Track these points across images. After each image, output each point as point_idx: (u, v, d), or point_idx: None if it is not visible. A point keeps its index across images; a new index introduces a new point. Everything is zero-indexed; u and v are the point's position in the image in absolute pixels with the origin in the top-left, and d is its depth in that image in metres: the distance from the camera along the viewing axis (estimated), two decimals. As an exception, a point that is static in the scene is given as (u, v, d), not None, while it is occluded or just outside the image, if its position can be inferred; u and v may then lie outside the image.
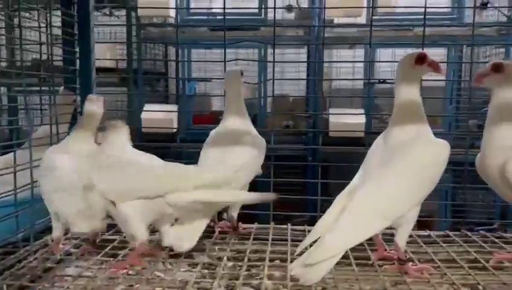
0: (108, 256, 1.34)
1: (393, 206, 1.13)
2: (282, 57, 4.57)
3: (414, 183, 1.15)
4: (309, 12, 4.30)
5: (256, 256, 1.36)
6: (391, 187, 1.14)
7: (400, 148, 1.19)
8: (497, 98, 1.25)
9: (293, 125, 4.47)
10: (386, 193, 1.13)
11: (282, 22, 4.30)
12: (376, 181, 1.15)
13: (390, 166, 1.16)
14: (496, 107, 1.25)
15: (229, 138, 1.48)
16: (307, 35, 4.29)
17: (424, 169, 1.17)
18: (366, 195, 1.13)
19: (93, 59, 1.62)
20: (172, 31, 4.39)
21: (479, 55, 4.47)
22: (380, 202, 1.12)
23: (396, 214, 1.13)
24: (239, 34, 4.19)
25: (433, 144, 1.21)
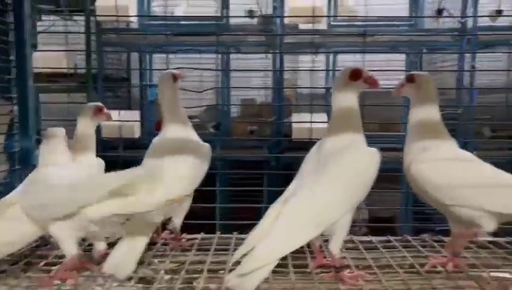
0: (43, 272, 1.30)
1: (325, 213, 1.14)
2: (247, 62, 4.57)
3: (346, 190, 1.17)
4: (271, 18, 4.32)
5: (196, 267, 1.34)
6: (323, 194, 1.15)
7: (333, 156, 1.21)
8: (414, 108, 1.32)
9: (258, 130, 4.48)
10: (318, 200, 1.15)
11: (244, 28, 4.31)
12: (308, 189, 1.17)
13: (322, 173, 1.18)
14: (412, 114, 1.32)
15: (170, 147, 1.43)
16: (269, 41, 4.30)
17: (356, 176, 1.19)
18: (298, 203, 1.14)
19: (29, 67, 1.57)
20: (135, 36, 4.35)
21: (437, 60, 4.59)
22: (311, 209, 1.13)
23: (328, 221, 1.14)
24: (201, 39, 4.18)
25: (364, 151, 1.23)
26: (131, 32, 4.38)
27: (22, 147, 1.58)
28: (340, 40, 4.23)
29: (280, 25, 4.20)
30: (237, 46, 4.45)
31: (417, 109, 1.30)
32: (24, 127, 1.54)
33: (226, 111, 4.42)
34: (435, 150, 1.26)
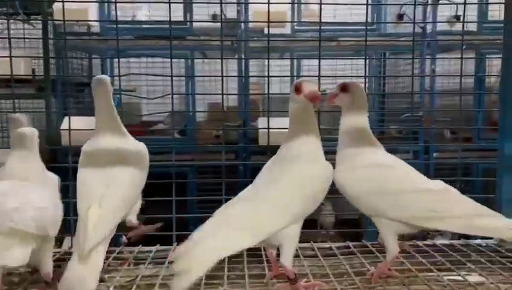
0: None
1: (264, 223, 1.12)
2: (210, 66, 4.53)
3: (289, 202, 1.15)
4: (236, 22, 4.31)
5: (148, 282, 1.29)
6: (264, 204, 1.14)
7: (283, 165, 1.20)
8: (346, 116, 1.33)
9: (223, 135, 4.43)
10: (258, 210, 1.13)
11: (209, 32, 4.27)
12: (252, 197, 1.16)
13: (270, 182, 1.18)
14: (343, 122, 1.33)
15: (108, 156, 1.31)
16: (234, 45, 4.28)
17: (303, 187, 1.17)
18: (238, 210, 1.13)
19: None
20: (96, 40, 4.24)
21: (400, 64, 4.70)
22: (250, 217, 1.12)
23: (267, 231, 1.12)
24: (165, 43, 4.11)
25: (315, 163, 1.22)
26: (92, 36, 4.27)
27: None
28: (305, 44, 4.26)
29: (244, 29, 4.18)
30: (202, 49, 4.41)
31: (348, 116, 1.31)
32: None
33: (191, 116, 4.36)
34: (358, 158, 1.26)
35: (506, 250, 1.49)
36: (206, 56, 4.71)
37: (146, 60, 4.38)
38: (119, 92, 3.66)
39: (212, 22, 4.18)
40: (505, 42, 1.56)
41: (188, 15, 4.19)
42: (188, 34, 4.18)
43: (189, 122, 4.36)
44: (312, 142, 1.23)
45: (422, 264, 1.39)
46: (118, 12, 4.54)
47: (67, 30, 4.11)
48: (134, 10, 4.37)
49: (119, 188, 1.24)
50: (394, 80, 4.79)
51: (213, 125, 4.56)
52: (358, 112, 1.30)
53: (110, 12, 4.23)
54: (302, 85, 1.20)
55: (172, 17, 4.52)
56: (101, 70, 4.70)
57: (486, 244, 1.55)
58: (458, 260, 1.42)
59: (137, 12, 4.38)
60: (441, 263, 1.40)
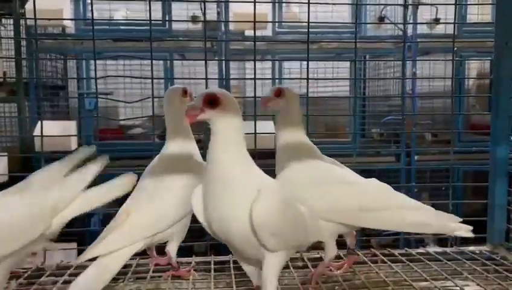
0: None
1: (160, 222, 1.21)
2: (190, 68, 4.44)
3: (176, 201, 1.23)
4: (216, 24, 4.23)
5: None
6: (158, 202, 1.22)
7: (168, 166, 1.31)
8: (280, 121, 1.32)
9: (204, 138, 4.35)
10: (154, 210, 1.21)
11: (188, 34, 4.19)
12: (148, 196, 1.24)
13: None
14: (279, 129, 1.33)
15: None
16: (214, 47, 4.20)
17: (184, 190, 1.20)
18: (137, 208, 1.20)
19: None
20: (71, 41, 4.09)
21: (380, 66, 4.70)
22: (146, 216, 1.19)
23: (162, 227, 1.22)
24: (143, 45, 4.01)
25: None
26: (67, 37, 4.12)
27: None
28: (286, 47, 4.22)
29: (225, 31, 4.11)
30: (181, 52, 4.32)
31: (284, 125, 1.31)
32: None
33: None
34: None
35: (501, 258, 1.45)
36: (185, 58, 4.62)
37: (123, 62, 4.25)
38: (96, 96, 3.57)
39: (192, 23, 4.09)
40: (496, 45, 1.53)
41: (167, 16, 4.09)
42: (167, 36, 4.08)
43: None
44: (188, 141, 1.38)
45: (416, 274, 1.35)
46: (95, 13, 4.42)
47: (41, 31, 3.96)
48: (111, 11, 4.23)
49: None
50: (376, 83, 4.79)
51: (194, 129, 4.47)
52: (293, 120, 1.31)
53: (86, 13, 4.09)
54: (187, 90, 1.36)
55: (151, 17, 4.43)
56: (76, 72, 4.56)
57: (480, 252, 1.52)
58: (453, 269, 1.38)
59: (114, 13, 4.25)
60: (436, 272, 1.35)
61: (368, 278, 1.32)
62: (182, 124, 1.34)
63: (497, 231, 1.55)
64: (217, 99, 0.97)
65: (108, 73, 4.21)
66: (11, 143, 3.82)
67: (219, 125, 0.98)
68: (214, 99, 0.97)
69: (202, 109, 0.97)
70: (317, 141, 4.38)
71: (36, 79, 3.88)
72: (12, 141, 3.85)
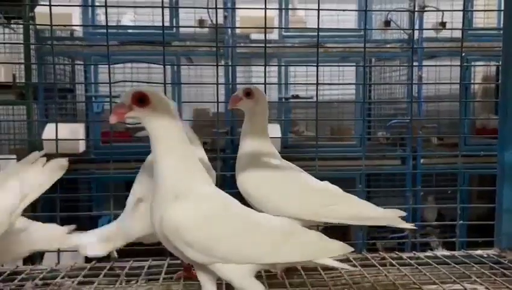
0: None
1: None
2: (197, 72, 4.47)
3: None
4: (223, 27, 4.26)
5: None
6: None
7: None
8: (249, 121, 1.34)
9: (211, 142, 4.37)
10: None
11: (195, 37, 4.22)
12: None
13: None
14: (245, 130, 1.35)
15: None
16: (221, 50, 4.22)
17: None
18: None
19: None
20: (79, 45, 4.13)
21: (386, 70, 4.71)
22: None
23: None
24: (150, 48, 4.04)
25: None
26: (76, 41, 4.16)
27: None
28: (292, 50, 4.24)
29: (231, 34, 4.14)
30: (188, 55, 4.35)
31: (250, 126, 1.33)
32: None
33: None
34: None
35: (509, 261, 1.46)
36: (191, 62, 4.64)
37: (131, 65, 4.28)
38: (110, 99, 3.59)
39: (199, 28, 4.12)
40: (504, 49, 1.55)
41: (175, 20, 4.13)
42: (174, 40, 4.12)
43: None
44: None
45: (425, 277, 1.36)
46: (102, 17, 4.47)
47: (50, 35, 4.00)
48: (119, 15, 4.27)
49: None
50: (382, 86, 4.80)
51: (199, 132, 4.49)
52: (260, 123, 1.33)
53: (95, 17, 4.13)
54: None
55: (158, 22, 4.48)
56: (84, 76, 4.60)
57: (488, 255, 1.53)
58: (461, 272, 1.39)
59: (122, 16, 4.29)
60: (445, 275, 1.37)
61: (377, 281, 1.34)
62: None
63: (504, 235, 1.56)
64: (146, 98, 0.96)
65: (116, 76, 4.24)
66: (20, 145, 3.86)
67: (151, 124, 0.97)
68: (142, 98, 0.96)
69: (130, 107, 0.96)
70: (322, 144, 4.41)
71: (45, 83, 3.92)
72: (21, 143, 3.89)
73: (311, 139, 4.50)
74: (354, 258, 1.48)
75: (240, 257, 0.97)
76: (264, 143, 1.35)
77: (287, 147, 4.19)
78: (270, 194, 1.28)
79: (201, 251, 0.94)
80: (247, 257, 0.98)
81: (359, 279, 1.38)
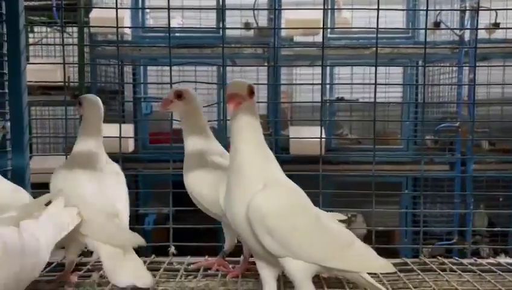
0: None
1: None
2: (242, 75, 4.51)
3: None
4: (268, 30, 4.28)
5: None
6: None
7: None
8: (185, 122, 1.34)
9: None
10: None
11: (241, 40, 4.26)
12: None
13: None
14: (185, 133, 1.35)
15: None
16: (265, 53, 4.25)
17: None
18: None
19: (24, 82, 1.48)
20: (129, 48, 4.27)
21: (434, 72, 4.58)
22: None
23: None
24: (197, 51, 4.12)
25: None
26: (125, 44, 4.30)
27: (14, 165, 1.48)
28: (337, 52, 4.20)
29: (277, 37, 4.15)
30: (233, 58, 4.40)
31: (188, 128, 1.33)
32: (17, 144, 1.44)
33: (222, 124, 4.32)
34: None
35: None
36: (235, 64, 4.70)
37: (179, 68, 4.39)
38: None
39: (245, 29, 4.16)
40: None
41: (221, 23, 4.18)
42: (220, 42, 4.17)
43: (219, 130, 4.34)
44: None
45: (489, 284, 1.31)
46: (151, 21, 4.60)
47: (102, 38, 4.17)
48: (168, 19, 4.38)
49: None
50: (430, 89, 4.67)
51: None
52: (196, 127, 1.32)
53: (145, 21, 4.26)
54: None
55: (205, 25, 4.56)
56: (132, 78, 4.74)
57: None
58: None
59: (170, 21, 4.39)
60: (510, 283, 1.32)
61: (439, 286, 1.31)
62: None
63: None
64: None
65: (163, 79, 4.35)
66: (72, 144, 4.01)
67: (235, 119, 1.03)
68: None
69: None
70: (367, 148, 4.32)
71: (96, 84, 4.08)
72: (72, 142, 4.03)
73: (355, 143, 4.44)
74: (412, 262, 1.45)
75: (308, 255, 1.00)
76: (205, 141, 1.34)
77: (331, 150, 4.15)
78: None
79: (279, 241, 0.97)
80: (315, 256, 1.00)
81: (417, 283, 1.35)
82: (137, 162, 4.01)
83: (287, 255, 0.98)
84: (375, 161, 4.05)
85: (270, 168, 1.04)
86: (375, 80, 1.64)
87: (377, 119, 1.89)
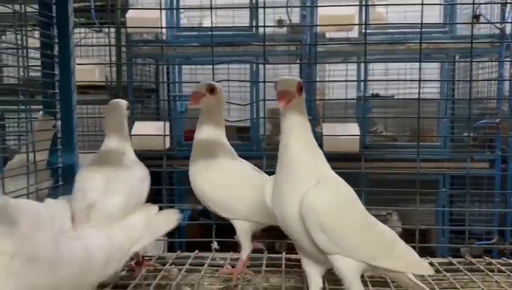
0: None
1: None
2: (275, 72, 4.51)
3: None
4: (300, 27, 4.27)
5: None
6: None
7: None
8: (205, 118, 1.32)
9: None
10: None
11: (274, 37, 4.26)
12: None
13: None
14: (201, 124, 1.34)
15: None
16: (299, 50, 4.24)
17: None
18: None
19: (73, 82, 1.54)
20: (164, 48, 4.35)
21: (473, 68, 4.44)
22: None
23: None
24: (230, 49, 4.15)
25: None
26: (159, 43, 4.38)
27: (65, 162, 1.54)
28: (372, 48, 4.14)
29: (310, 34, 4.13)
30: (266, 55, 4.40)
31: (206, 121, 1.32)
32: (67, 142, 1.50)
33: (255, 122, 4.34)
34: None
35: None
36: (268, 61, 4.71)
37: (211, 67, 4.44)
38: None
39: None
40: None
41: (254, 21, 4.20)
42: (253, 40, 4.20)
43: (253, 128, 4.36)
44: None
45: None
46: (185, 20, 4.67)
47: (138, 38, 4.26)
48: (201, 18, 4.45)
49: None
50: (467, 86, 4.53)
51: (275, 130, 4.54)
52: (215, 122, 1.31)
53: (179, 21, 4.32)
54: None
55: (238, 23, 4.58)
56: (166, 77, 4.83)
57: None
58: None
59: (203, 19, 4.45)
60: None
61: (487, 287, 1.28)
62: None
63: None
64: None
65: (197, 77, 4.41)
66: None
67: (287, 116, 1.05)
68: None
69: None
70: (402, 145, 4.24)
71: (133, 83, 4.17)
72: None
73: (390, 140, 4.38)
74: (458, 262, 1.43)
75: (358, 253, 0.99)
76: (219, 139, 1.33)
77: (365, 147, 4.11)
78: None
79: (331, 238, 0.97)
80: (364, 255, 0.99)
81: (463, 284, 1.33)
82: (173, 159, 4.08)
83: (338, 252, 0.98)
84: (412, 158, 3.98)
85: (321, 165, 1.04)
86: (419, 76, 1.61)
87: (414, 116, 1.84)
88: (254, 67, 4.26)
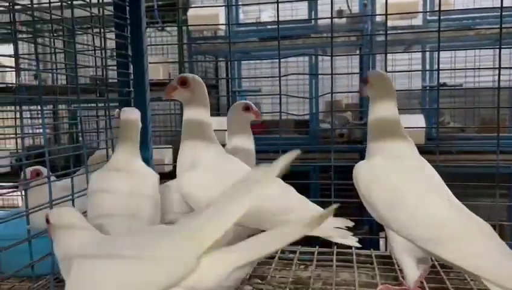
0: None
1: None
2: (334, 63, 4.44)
3: None
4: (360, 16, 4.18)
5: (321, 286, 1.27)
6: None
7: None
8: (187, 111, 1.21)
9: (348, 133, 4.31)
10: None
11: (334, 28, 4.19)
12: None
13: None
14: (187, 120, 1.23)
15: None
16: (359, 40, 4.15)
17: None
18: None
19: (147, 80, 1.60)
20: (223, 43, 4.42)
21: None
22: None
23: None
24: (289, 42, 4.14)
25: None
26: (219, 40, 4.46)
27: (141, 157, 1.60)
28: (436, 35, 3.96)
29: (371, 23, 4.02)
30: (325, 47, 4.35)
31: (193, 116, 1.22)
32: (143, 138, 1.56)
33: (313, 115, 4.30)
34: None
35: None
36: (326, 53, 4.64)
37: (268, 61, 4.46)
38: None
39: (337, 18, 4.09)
40: None
41: (313, 13, 4.16)
42: (312, 32, 4.16)
43: (311, 121, 4.33)
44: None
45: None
46: (243, 15, 4.71)
47: (199, 35, 4.35)
48: (260, 12, 4.46)
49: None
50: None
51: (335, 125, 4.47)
52: (198, 110, 1.20)
53: (238, 16, 4.37)
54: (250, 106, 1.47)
55: (297, 16, 4.53)
56: (225, 72, 4.91)
57: None
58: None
59: (261, 13, 4.46)
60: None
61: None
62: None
63: None
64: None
65: (256, 71, 4.44)
66: (175, 137, 4.27)
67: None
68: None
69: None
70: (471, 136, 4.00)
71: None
72: (177, 134, 4.29)
73: (457, 131, 4.17)
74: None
75: (406, 233, 1.03)
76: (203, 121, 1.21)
77: (431, 139, 3.94)
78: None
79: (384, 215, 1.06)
80: (410, 235, 1.02)
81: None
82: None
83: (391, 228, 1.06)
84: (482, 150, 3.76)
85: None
86: (499, 63, 1.50)
87: (484, 105, 1.73)
88: (313, 59, 4.22)
